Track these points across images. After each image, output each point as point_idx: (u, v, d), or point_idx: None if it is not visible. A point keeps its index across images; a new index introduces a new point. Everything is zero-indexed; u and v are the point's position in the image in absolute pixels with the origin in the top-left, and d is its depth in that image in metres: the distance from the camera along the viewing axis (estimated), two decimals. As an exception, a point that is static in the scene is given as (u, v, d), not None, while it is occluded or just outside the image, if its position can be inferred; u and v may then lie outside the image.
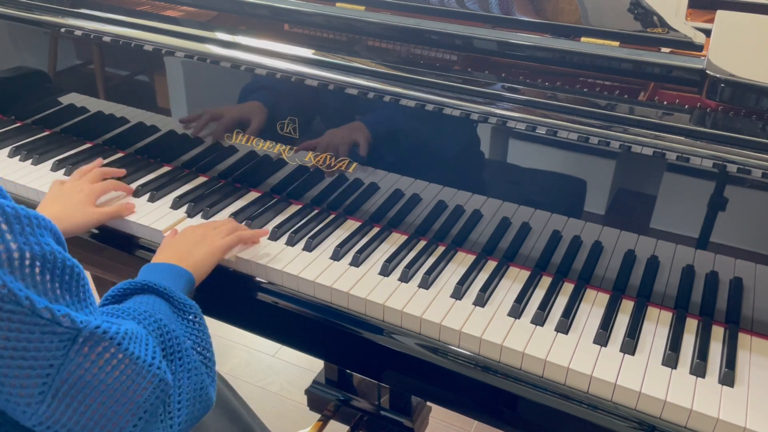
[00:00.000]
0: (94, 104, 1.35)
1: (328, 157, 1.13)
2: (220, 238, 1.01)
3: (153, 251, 1.05)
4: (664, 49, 0.99)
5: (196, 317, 0.83)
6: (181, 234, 1.02)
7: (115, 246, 1.15)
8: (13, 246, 0.57)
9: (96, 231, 1.16)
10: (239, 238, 1.04)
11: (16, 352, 0.57)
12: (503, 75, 1.07)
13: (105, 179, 1.18)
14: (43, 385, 0.60)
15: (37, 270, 0.58)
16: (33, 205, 1.10)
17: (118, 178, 1.21)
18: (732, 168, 0.85)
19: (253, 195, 1.22)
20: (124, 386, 0.65)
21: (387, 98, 1.04)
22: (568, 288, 1.00)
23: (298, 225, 1.12)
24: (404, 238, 1.11)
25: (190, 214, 1.15)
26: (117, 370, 0.64)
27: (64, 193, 1.11)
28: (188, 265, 0.93)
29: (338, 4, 1.17)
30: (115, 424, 0.65)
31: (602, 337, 0.90)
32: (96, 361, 0.62)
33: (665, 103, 0.98)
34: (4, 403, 0.60)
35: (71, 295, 0.62)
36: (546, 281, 1.02)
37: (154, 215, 1.14)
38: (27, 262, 0.57)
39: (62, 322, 0.59)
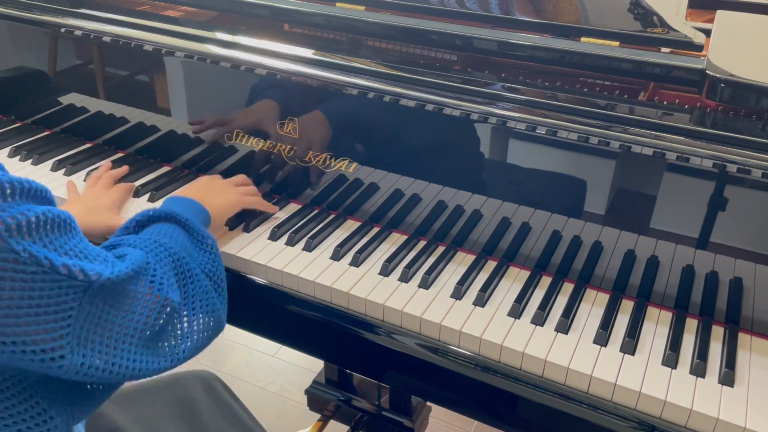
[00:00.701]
0: (94, 104, 1.35)
1: (328, 157, 1.13)
2: (240, 194, 1.09)
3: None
4: (664, 49, 0.99)
5: (212, 248, 0.91)
6: (203, 180, 1.12)
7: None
8: (28, 212, 0.59)
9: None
10: (259, 202, 1.12)
11: (40, 309, 0.61)
12: (503, 75, 1.07)
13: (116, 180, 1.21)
14: (68, 335, 0.64)
15: (47, 228, 0.61)
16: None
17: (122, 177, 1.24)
18: (732, 168, 0.85)
19: (253, 195, 1.21)
20: (129, 318, 0.71)
21: (387, 98, 1.04)
22: (568, 288, 1.00)
23: (298, 225, 1.12)
24: (404, 238, 1.11)
25: (190, 214, 1.15)
26: (118, 308, 0.69)
27: (86, 198, 1.13)
28: (208, 206, 1.00)
29: (338, 4, 1.17)
30: (133, 352, 0.72)
31: (602, 337, 0.90)
32: (101, 305, 0.67)
33: (665, 103, 0.98)
34: (38, 364, 0.63)
35: (76, 242, 0.66)
36: (546, 281, 1.02)
37: (154, 215, 1.14)
38: (41, 222, 0.61)
39: (77, 275, 0.63)
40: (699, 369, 0.85)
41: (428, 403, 1.44)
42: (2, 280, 0.58)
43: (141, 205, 1.17)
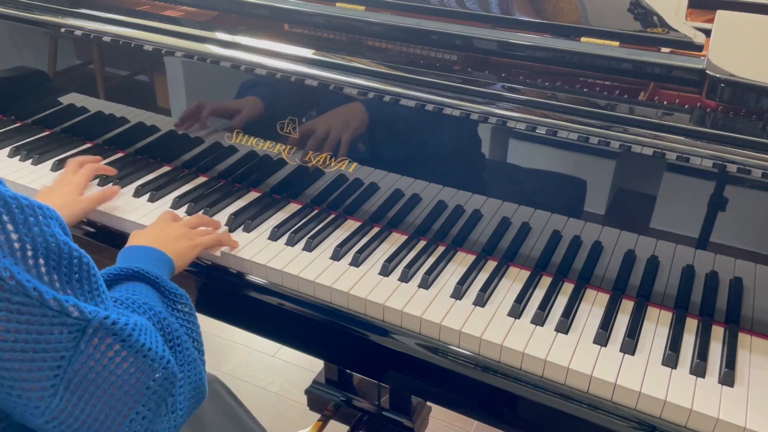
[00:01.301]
0: (94, 104, 1.35)
1: (328, 157, 1.13)
2: (199, 235, 1.02)
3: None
4: (664, 49, 0.99)
5: (186, 307, 0.81)
6: (157, 224, 1.01)
7: (115, 246, 1.15)
8: (14, 237, 0.55)
9: (93, 230, 1.16)
10: (219, 240, 1.04)
11: (27, 344, 0.56)
12: (503, 75, 1.07)
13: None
14: (55, 377, 0.59)
15: (41, 261, 0.57)
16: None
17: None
18: (732, 168, 0.85)
19: (253, 195, 1.22)
20: (134, 377, 0.64)
21: (387, 98, 1.04)
22: (568, 288, 1.00)
23: (298, 225, 1.12)
24: (404, 238, 1.11)
25: (190, 214, 1.15)
26: (127, 362, 0.63)
27: (53, 188, 1.13)
28: (170, 253, 0.92)
29: (338, 4, 1.17)
30: (125, 416, 0.65)
31: (602, 337, 0.90)
32: (106, 353, 0.61)
33: (665, 103, 0.98)
34: (16, 401, 0.58)
35: (80, 285, 0.61)
36: (546, 281, 1.02)
37: (154, 215, 1.14)
38: (30, 253, 0.56)
39: (71, 312, 0.58)
40: (699, 369, 0.85)
41: (428, 403, 1.44)
42: None
43: (141, 204, 1.17)
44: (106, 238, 1.15)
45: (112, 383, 0.63)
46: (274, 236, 1.09)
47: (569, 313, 0.93)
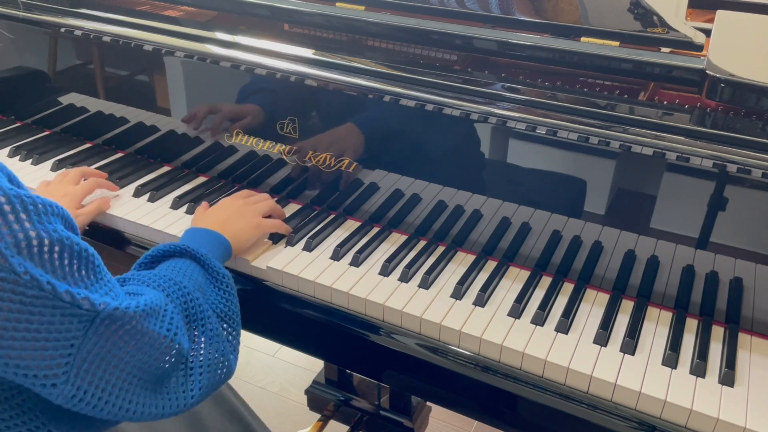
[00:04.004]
0: (94, 104, 1.35)
1: (328, 157, 1.13)
2: (259, 215, 1.05)
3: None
4: (664, 49, 0.99)
5: (227, 287, 0.87)
6: (222, 204, 1.06)
7: (115, 246, 1.15)
8: (32, 233, 0.58)
9: (93, 230, 1.16)
10: (279, 225, 1.07)
11: (39, 334, 0.59)
12: (503, 75, 1.07)
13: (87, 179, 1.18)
14: (66, 365, 0.62)
15: (55, 255, 0.60)
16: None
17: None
18: (732, 168, 0.85)
19: (253, 195, 1.21)
20: (137, 358, 0.68)
21: (387, 98, 1.04)
22: (568, 288, 1.00)
23: (297, 225, 1.12)
24: (404, 238, 1.11)
25: (190, 214, 1.15)
26: (129, 344, 0.67)
27: (51, 193, 1.12)
28: (228, 233, 0.97)
29: (338, 4, 1.17)
30: (134, 393, 0.70)
31: (602, 337, 0.90)
32: (111, 338, 0.65)
33: (665, 103, 0.98)
34: (32, 385, 0.62)
35: (87, 276, 0.64)
36: (546, 281, 1.02)
37: (153, 215, 1.14)
38: (46, 248, 0.59)
39: (82, 304, 0.61)
40: (699, 369, 0.85)
41: (428, 403, 1.44)
42: (0, 300, 0.57)
43: (140, 204, 1.17)
44: (106, 237, 1.15)
45: (117, 365, 0.67)
46: (275, 236, 1.09)
47: (569, 313, 0.93)
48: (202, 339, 0.79)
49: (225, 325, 0.84)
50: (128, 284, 0.79)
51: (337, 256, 1.05)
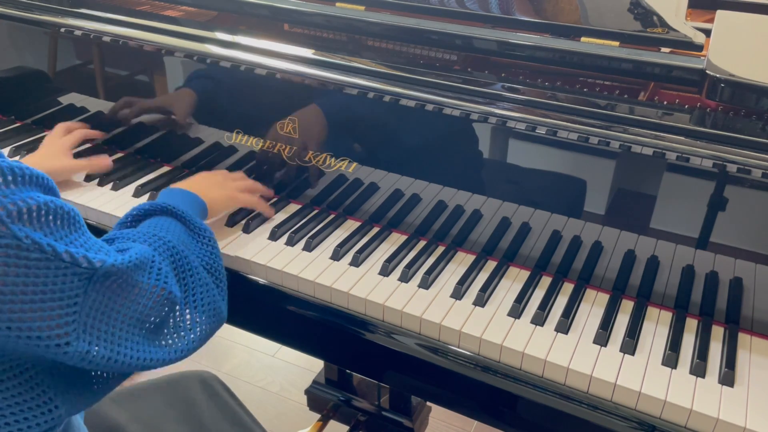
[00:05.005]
0: (94, 104, 1.35)
1: (328, 157, 1.13)
2: (238, 191, 1.09)
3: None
4: (664, 49, 0.99)
5: (210, 240, 0.91)
6: (203, 173, 1.11)
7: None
8: (30, 201, 0.60)
9: (93, 230, 1.16)
10: (257, 202, 1.11)
11: (45, 296, 0.62)
12: (503, 75, 1.07)
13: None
14: (74, 323, 0.65)
15: (46, 217, 0.62)
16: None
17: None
18: (732, 168, 0.85)
19: (253, 195, 1.21)
20: (134, 309, 0.72)
21: (387, 98, 1.04)
22: (568, 288, 1.00)
23: (298, 225, 1.12)
24: (404, 238, 1.11)
25: (190, 214, 1.15)
26: (124, 297, 0.71)
27: (42, 145, 1.21)
28: (205, 198, 1.01)
29: (338, 4, 1.17)
30: (139, 343, 0.74)
31: (602, 337, 0.90)
32: (107, 293, 0.68)
33: (665, 103, 0.98)
34: (45, 350, 0.64)
35: (78, 236, 0.66)
36: (546, 281, 1.02)
37: (154, 215, 1.14)
38: (34, 213, 0.61)
39: (81, 263, 0.64)
40: (699, 369, 0.85)
41: (428, 403, 1.44)
42: (6, 266, 0.58)
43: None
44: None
45: (117, 317, 0.70)
46: (274, 236, 1.09)
47: (569, 313, 0.93)
48: (193, 287, 0.84)
49: (212, 276, 0.89)
50: (116, 243, 0.81)
51: (337, 256, 1.05)
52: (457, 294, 0.97)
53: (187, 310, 0.82)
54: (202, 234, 0.91)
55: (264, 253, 1.05)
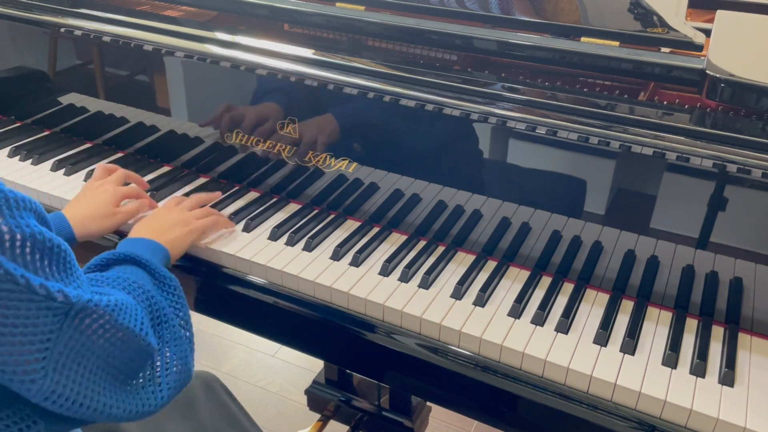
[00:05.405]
0: (94, 104, 1.35)
1: (328, 157, 1.13)
2: (195, 219, 1.05)
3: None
4: (664, 49, 0.99)
5: (176, 289, 0.87)
6: (156, 214, 1.05)
7: (114, 246, 1.15)
8: (4, 228, 0.57)
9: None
10: (216, 221, 1.08)
11: (15, 329, 0.59)
12: (503, 75, 1.07)
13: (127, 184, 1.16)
14: (44, 359, 0.62)
15: (27, 250, 0.59)
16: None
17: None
18: (732, 168, 0.85)
19: (253, 195, 1.22)
20: (112, 354, 0.69)
21: (387, 98, 1.04)
22: (568, 288, 1.00)
23: (298, 225, 1.12)
24: (404, 238, 1.11)
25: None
26: (102, 339, 0.67)
27: (89, 193, 1.09)
28: (165, 241, 0.96)
29: (338, 4, 1.17)
30: (108, 391, 0.70)
31: (602, 337, 0.90)
32: (85, 332, 0.65)
33: (665, 103, 0.98)
34: (9, 382, 0.61)
35: (60, 270, 0.63)
36: (546, 281, 1.02)
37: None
38: (18, 243, 0.58)
39: (57, 297, 0.61)
40: (699, 369, 0.85)
41: (428, 403, 1.44)
42: None
43: (141, 205, 1.17)
44: (104, 237, 1.15)
45: (92, 360, 0.67)
46: (274, 236, 1.09)
47: (569, 313, 0.93)
48: (167, 340, 0.80)
49: (183, 324, 0.84)
50: (93, 285, 0.78)
51: (337, 256, 1.05)
52: (457, 294, 0.97)
53: (159, 364, 0.78)
54: (167, 283, 0.86)
55: (264, 253, 1.05)
